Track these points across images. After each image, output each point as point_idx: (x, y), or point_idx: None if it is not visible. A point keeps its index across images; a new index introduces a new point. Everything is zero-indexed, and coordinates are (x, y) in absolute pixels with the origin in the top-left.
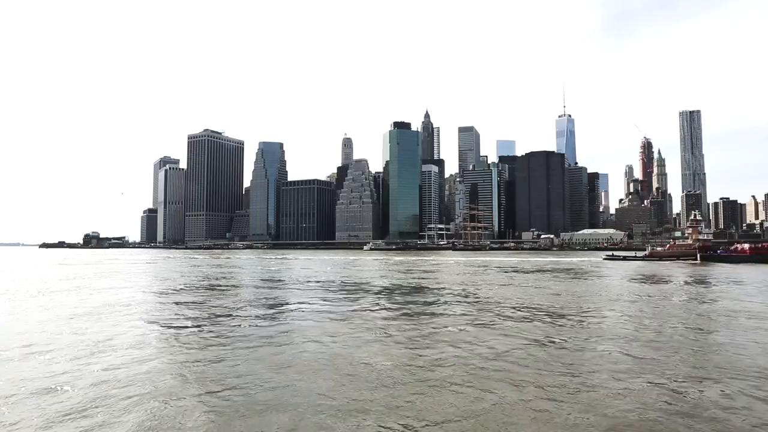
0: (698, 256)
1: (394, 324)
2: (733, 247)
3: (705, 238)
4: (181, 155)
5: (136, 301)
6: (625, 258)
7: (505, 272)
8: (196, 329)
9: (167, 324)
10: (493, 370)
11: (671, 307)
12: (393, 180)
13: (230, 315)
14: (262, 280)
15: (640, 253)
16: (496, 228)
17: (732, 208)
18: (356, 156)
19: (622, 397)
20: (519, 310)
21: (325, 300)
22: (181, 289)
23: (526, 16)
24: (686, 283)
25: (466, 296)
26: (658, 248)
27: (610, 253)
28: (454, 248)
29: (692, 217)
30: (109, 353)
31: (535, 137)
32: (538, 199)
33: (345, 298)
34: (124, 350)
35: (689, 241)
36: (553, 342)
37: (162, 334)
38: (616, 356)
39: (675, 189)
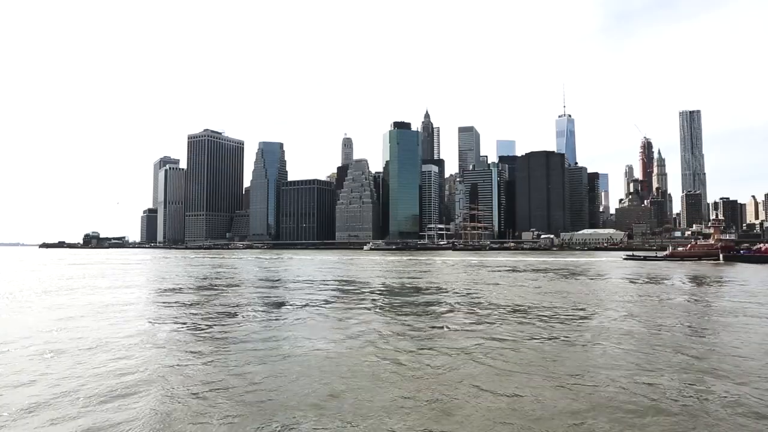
0: (721, 256)
1: (393, 324)
2: (756, 247)
3: (727, 238)
4: (181, 155)
5: (138, 301)
6: (645, 258)
7: (514, 273)
8: (195, 329)
9: (167, 324)
10: (494, 369)
11: (704, 309)
12: (393, 180)
13: (229, 315)
14: (261, 280)
15: (660, 253)
16: (496, 228)
17: (732, 208)
18: (356, 156)
19: (632, 398)
20: (526, 311)
21: (324, 300)
22: (181, 289)
23: (526, 16)
24: (712, 283)
25: (467, 296)
26: (680, 248)
27: (630, 253)
28: (454, 248)
29: (714, 217)
30: (110, 353)
31: (535, 137)
32: (538, 199)
33: (344, 298)
34: (124, 350)
35: (711, 241)
36: (562, 341)
37: (162, 334)
38: (635, 357)
39: (675, 189)
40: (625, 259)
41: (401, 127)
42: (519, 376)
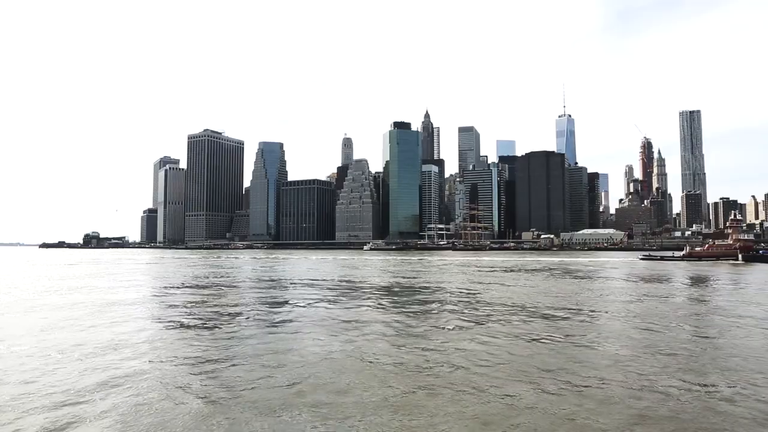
0: (740, 256)
1: (393, 324)
2: None
3: (746, 238)
4: (181, 155)
5: (140, 301)
6: (662, 258)
7: (515, 273)
8: (196, 329)
9: (168, 324)
10: (494, 369)
11: (728, 313)
12: (393, 180)
13: (229, 314)
14: (261, 280)
15: (677, 253)
16: (496, 228)
17: (732, 208)
18: (356, 156)
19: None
20: (526, 311)
21: (323, 300)
22: (182, 289)
23: (526, 15)
24: (734, 285)
25: (466, 296)
26: (697, 248)
27: (646, 253)
28: (454, 248)
29: (732, 216)
30: (112, 352)
31: (535, 137)
32: (538, 199)
33: (344, 298)
34: (127, 350)
35: (729, 241)
36: (565, 342)
37: (162, 334)
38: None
39: (675, 189)
40: (641, 259)
41: (401, 127)
42: (516, 376)
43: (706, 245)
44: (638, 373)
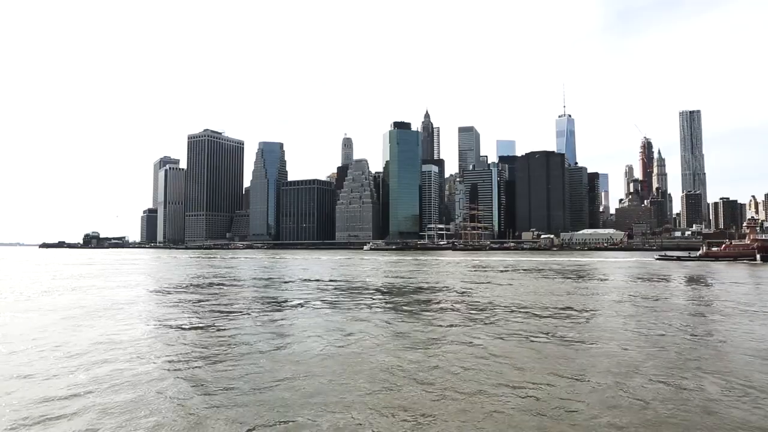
0: (758, 256)
1: (391, 324)
2: None
3: (764, 238)
4: (181, 155)
5: (140, 301)
6: (678, 258)
7: (516, 273)
8: (196, 329)
9: (169, 323)
10: (493, 369)
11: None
12: (393, 180)
13: (229, 314)
14: (261, 280)
15: (694, 253)
16: (496, 228)
17: (732, 208)
18: (356, 156)
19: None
20: (525, 311)
21: (323, 300)
22: (182, 289)
23: (527, 15)
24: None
25: (465, 296)
26: (714, 248)
27: (662, 253)
28: (454, 248)
29: (749, 217)
30: (113, 352)
31: (535, 137)
32: (538, 199)
33: (343, 297)
34: (127, 349)
35: (747, 241)
36: (565, 342)
37: (163, 333)
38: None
39: (675, 189)
40: (657, 259)
41: (401, 127)
42: (523, 377)
43: (723, 245)
44: (647, 374)
